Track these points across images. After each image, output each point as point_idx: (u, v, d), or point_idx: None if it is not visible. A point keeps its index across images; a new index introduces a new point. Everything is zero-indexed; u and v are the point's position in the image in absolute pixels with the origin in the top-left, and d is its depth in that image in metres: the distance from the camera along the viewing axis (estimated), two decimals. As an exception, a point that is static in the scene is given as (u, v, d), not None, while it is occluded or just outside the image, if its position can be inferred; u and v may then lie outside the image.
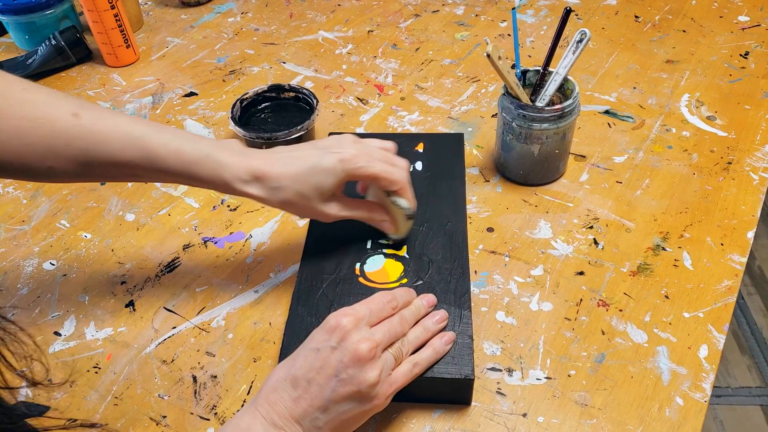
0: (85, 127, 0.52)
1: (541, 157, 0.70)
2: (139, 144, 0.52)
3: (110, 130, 0.52)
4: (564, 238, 0.67)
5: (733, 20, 1.00)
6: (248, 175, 0.54)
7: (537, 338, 0.58)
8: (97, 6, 0.91)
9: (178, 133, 0.55)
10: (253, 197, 0.55)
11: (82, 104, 0.53)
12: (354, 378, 0.45)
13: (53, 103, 0.52)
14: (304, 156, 0.55)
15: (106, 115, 0.54)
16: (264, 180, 0.54)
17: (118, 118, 0.54)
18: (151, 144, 0.52)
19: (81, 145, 0.51)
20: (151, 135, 0.53)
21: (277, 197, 0.55)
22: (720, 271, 0.63)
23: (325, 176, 0.55)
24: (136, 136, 0.52)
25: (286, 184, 0.54)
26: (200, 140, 0.55)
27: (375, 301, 0.51)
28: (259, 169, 0.54)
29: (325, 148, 0.55)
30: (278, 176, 0.54)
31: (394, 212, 0.59)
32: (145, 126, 0.54)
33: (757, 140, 0.78)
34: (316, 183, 0.55)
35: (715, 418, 1.39)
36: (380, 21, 1.06)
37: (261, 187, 0.54)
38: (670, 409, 0.53)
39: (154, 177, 0.55)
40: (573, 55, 0.67)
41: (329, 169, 0.54)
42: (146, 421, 0.54)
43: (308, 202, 0.55)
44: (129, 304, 0.64)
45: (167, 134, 0.54)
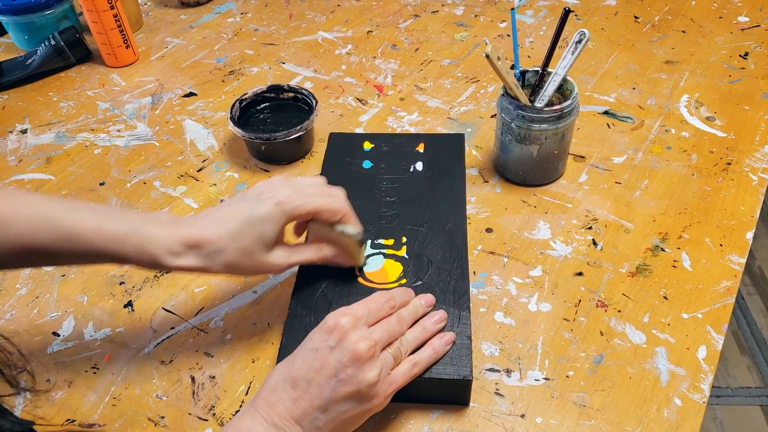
0: None
1: (540, 157, 0.70)
2: (53, 224, 0.48)
3: (21, 212, 0.48)
4: (563, 238, 0.67)
5: (732, 21, 1.00)
6: (180, 245, 0.50)
7: (535, 339, 0.58)
8: (96, 6, 0.91)
9: (99, 210, 0.52)
10: (190, 269, 0.51)
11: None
12: (353, 377, 0.45)
13: None
14: (236, 211, 0.52)
15: (14, 196, 0.50)
16: (199, 247, 0.50)
17: (29, 198, 0.50)
18: (68, 223, 0.48)
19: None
20: (66, 213, 0.49)
21: (219, 261, 0.51)
22: (719, 272, 0.63)
23: (265, 225, 0.51)
24: (50, 217, 0.48)
25: (225, 245, 0.50)
26: (124, 215, 0.51)
27: (373, 300, 0.51)
28: (192, 237, 0.50)
29: (257, 197, 0.53)
30: (215, 238, 0.50)
31: (343, 243, 0.56)
32: (61, 204, 0.50)
33: (756, 141, 0.78)
34: (257, 234, 0.51)
35: (715, 418, 1.39)
36: (380, 21, 1.06)
37: (197, 256, 0.50)
38: (669, 410, 0.53)
39: (72, 260, 0.51)
40: (572, 56, 0.67)
41: (268, 215, 0.51)
42: (144, 421, 0.54)
43: (253, 257, 0.52)
44: (127, 305, 0.64)
45: (86, 212, 0.50)
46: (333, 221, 0.54)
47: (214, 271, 0.52)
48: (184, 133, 0.85)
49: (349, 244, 0.56)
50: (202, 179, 0.78)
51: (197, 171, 0.79)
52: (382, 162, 0.72)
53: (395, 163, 0.71)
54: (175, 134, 0.85)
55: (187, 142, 0.83)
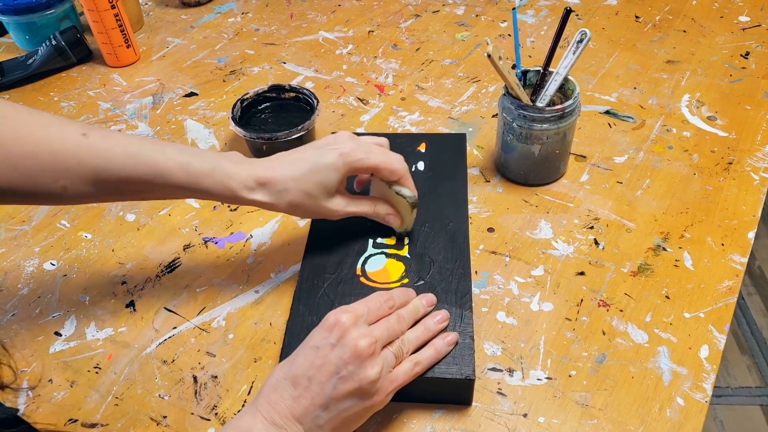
0: (94, 145, 0.52)
1: (542, 157, 0.70)
2: (147, 160, 0.53)
3: (119, 149, 0.53)
4: (564, 238, 0.67)
5: (733, 20, 1.00)
6: (253, 182, 0.55)
7: (537, 338, 0.58)
8: (97, 6, 0.91)
9: (183, 149, 0.56)
10: (260, 204, 0.56)
11: (87, 126, 0.54)
12: (354, 374, 0.45)
13: (61, 124, 0.53)
14: (304, 157, 0.57)
15: (112, 134, 0.55)
16: (269, 185, 0.55)
17: (124, 137, 0.55)
18: (159, 160, 0.54)
19: (93, 164, 0.52)
20: (157, 151, 0.54)
21: (284, 200, 0.56)
22: (720, 272, 0.63)
23: (328, 172, 0.56)
24: (144, 153, 0.53)
25: (291, 186, 0.55)
26: (204, 153, 0.56)
27: (372, 300, 0.51)
28: (263, 176, 0.55)
29: (324, 146, 0.57)
30: (282, 179, 0.55)
31: (397, 203, 0.60)
32: (151, 143, 0.55)
33: (757, 140, 0.78)
34: (320, 180, 0.56)
35: (715, 418, 1.39)
36: (380, 21, 1.06)
37: (267, 193, 0.56)
38: (671, 410, 0.53)
39: (163, 192, 0.56)
40: (573, 56, 0.67)
41: (331, 164, 0.56)
42: (147, 421, 0.54)
43: (314, 201, 0.56)
44: (129, 305, 0.64)
45: (173, 150, 0.55)
46: (391, 180, 0.58)
47: (280, 208, 0.57)
48: (185, 133, 0.85)
49: (403, 205, 0.60)
50: (203, 179, 0.77)
51: (199, 171, 0.79)
52: (384, 162, 0.72)
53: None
54: (176, 134, 0.85)
55: (189, 141, 0.83)
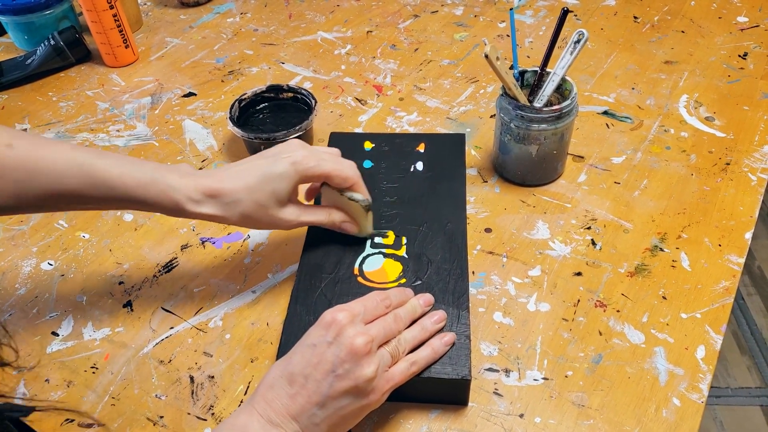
0: (19, 157, 0.50)
1: (539, 157, 0.70)
2: (81, 170, 0.51)
3: (49, 159, 0.51)
4: (562, 238, 0.67)
5: (731, 21, 1.00)
6: (200, 194, 0.54)
7: (534, 339, 0.58)
8: (96, 6, 0.91)
9: (124, 158, 0.54)
10: (209, 217, 0.55)
11: (18, 135, 0.52)
12: (350, 373, 0.45)
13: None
14: (254, 166, 0.56)
15: (43, 144, 0.52)
16: (218, 196, 0.54)
17: (58, 146, 0.53)
18: (95, 168, 0.51)
19: (14, 177, 0.50)
20: (94, 160, 0.52)
21: (235, 211, 0.55)
22: (718, 272, 0.63)
23: (280, 181, 0.55)
24: (79, 163, 0.51)
25: (241, 197, 0.54)
26: (146, 164, 0.54)
27: (369, 299, 0.51)
28: (212, 187, 0.54)
29: (274, 155, 0.56)
30: (233, 190, 0.54)
31: (351, 209, 0.60)
32: (88, 152, 0.53)
33: (755, 141, 0.78)
34: (272, 190, 0.55)
35: (715, 418, 1.39)
36: (379, 21, 1.06)
37: (216, 205, 0.54)
38: (667, 410, 0.53)
39: (97, 204, 0.54)
40: (571, 56, 0.67)
41: (283, 173, 0.55)
42: (143, 421, 0.54)
43: (266, 211, 0.55)
44: (127, 305, 0.64)
45: (111, 159, 0.53)
46: (343, 187, 0.58)
47: (230, 221, 0.55)
48: (183, 133, 0.85)
49: (356, 210, 0.60)
50: (201, 179, 0.78)
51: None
52: (383, 162, 0.72)
53: (396, 163, 0.71)
54: (174, 134, 0.85)
55: (187, 142, 0.83)
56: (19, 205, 0.52)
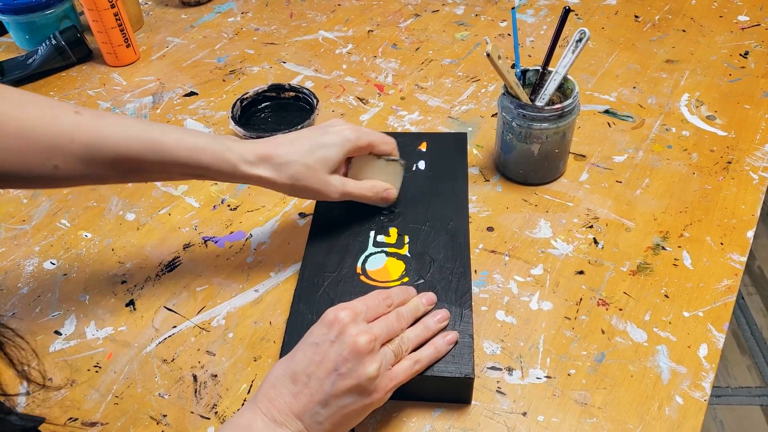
0: (87, 122, 0.52)
1: (541, 156, 0.70)
2: (142, 136, 0.54)
3: (113, 125, 0.53)
4: (564, 237, 0.67)
5: (732, 20, 1.00)
6: (254, 156, 0.56)
7: (537, 337, 0.59)
8: (97, 5, 0.91)
9: (178, 128, 0.57)
10: (261, 179, 0.57)
11: (81, 106, 0.54)
12: (353, 371, 0.45)
13: (54, 103, 0.53)
14: (305, 135, 0.59)
15: (106, 113, 0.55)
16: (270, 159, 0.56)
17: (117, 116, 0.56)
18: (154, 134, 0.54)
19: (85, 140, 0.52)
20: (153, 127, 0.54)
21: (286, 173, 0.57)
22: (720, 271, 0.63)
23: (330, 149, 0.58)
24: (139, 129, 0.54)
25: (293, 159, 0.57)
26: (201, 132, 0.57)
27: (371, 298, 0.51)
28: (265, 151, 0.57)
29: (324, 128, 0.60)
30: (285, 153, 0.57)
31: (388, 173, 0.63)
32: (145, 122, 0.56)
33: (756, 140, 0.78)
34: (322, 156, 0.58)
35: (715, 418, 1.39)
36: (380, 21, 1.06)
37: (268, 167, 0.57)
38: (670, 408, 0.53)
39: (159, 170, 0.56)
40: (572, 55, 0.67)
41: (333, 142, 0.58)
42: (147, 420, 0.54)
43: (315, 174, 0.58)
44: (129, 304, 0.64)
45: (169, 127, 0.56)
46: (387, 152, 0.62)
47: (280, 183, 0.57)
48: (185, 133, 0.85)
49: (394, 170, 0.64)
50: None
51: (198, 170, 0.79)
52: (384, 161, 0.72)
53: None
54: (176, 133, 0.85)
55: (188, 141, 0.83)
56: (88, 173, 0.54)
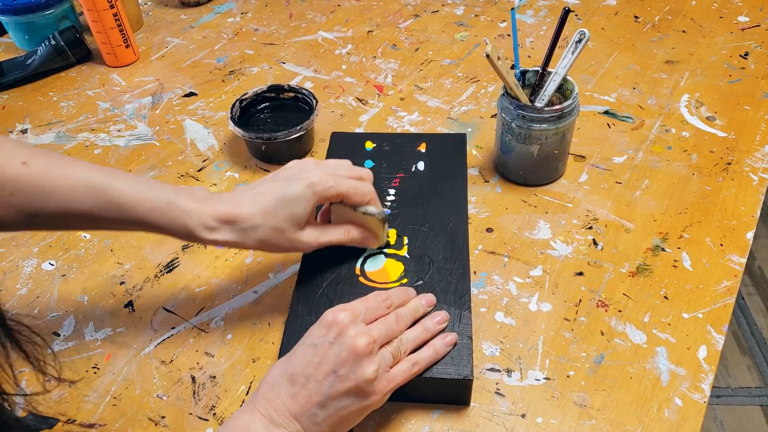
0: (34, 176, 0.49)
1: (541, 157, 0.70)
2: (95, 192, 0.50)
3: (63, 179, 0.50)
4: (563, 238, 0.67)
5: (732, 20, 1.00)
6: (215, 221, 0.52)
7: (536, 339, 0.58)
8: (96, 6, 0.91)
9: (139, 180, 0.53)
10: (223, 243, 0.53)
11: (35, 152, 0.51)
12: (351, 373, 0.45)
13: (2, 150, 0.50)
14: (269, 190, 0.54)
15: (59, 162, 0.51)
16: (234, 223, 0.52)
17: (73, 165, 0.52)
18: (109, 191, 0.50)
19: (29, 196, 0.49)
20: (109, 182, 0.51)
21: (252, 238, 0.53)
22: (719, 272, 0.63)
23: (297, 204, 0.53)
24: (93, 184, 0.50)
25: (258, 222, 0.53)
26: (162, 187, 0.53)
27: (370, 299, 0.51)
28: (227, 213, 0.52)
29: (289, 177, 0.54)
30: (249, 215, 0.52)
31: (366, 223, 0.58)
32: (103, 173, 0.52)
33: (756, 141, 0.78)
34: (289, 213, 0.53)
35: (715, 418, 1.39)
36: (380, 21, 1.06)
37: (232, 231, 0.52)
38: (669, 410, 0.53)
39: (111, 226, 0.53)
40: (572, 56, 0.67)
41: (299, 195, 0.53)
42: (145, 421, 0.54)
43: (284, 235, 0.54)
44: (128, 305, 0.64)
45: (126, 181, 0.52)
46: (361, 204, 0.57)
47: (248, 246, 0.54)
48: (184, 133, 0.85)
49: (372, 223, 0.58)
50: (202, 179, 0.78)
51: (197, 171, 0.79)
52: (384, 161, 0.72)
53: (397, 163, 0.71)
54: (175, 134, 0.85)
55: (188, 141, 0.83)
56: (33, 223, 0.51)
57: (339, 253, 0.61)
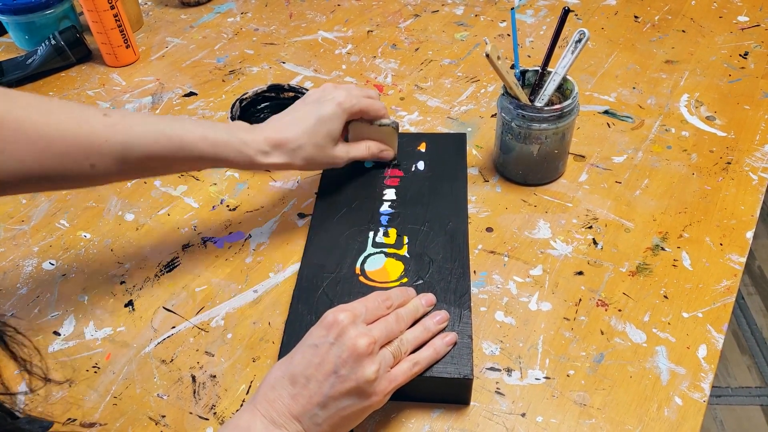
0: (118, 124, 0.55)
1: (541, 157, 0.70)
2: (168, 135, 0.56)
3: (141, 126, 0.56)
4: (563, 238, 0.67)
5: (732, 20, 1.00)
6: (268, 146, 0.59)
7: (536, 338, 0.58)
8: (96, 6, 0.91)
9: (198, 122, 0.60)
10: (277, 166, 0.61)
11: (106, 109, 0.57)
12: (352, 374, 0.45)
13: (82, 107, 0.56)
14: (306, 113, 0.62)
15: (130, 113, 0.58)
16: (283, 145, 0.60)
17: (141, 115, 0.59)
18: (181, 134, 0.57)
19: (119, 140, 0.55)
20: (177, 126, 0.57)
21: (299, 156, 0.61)
22: (719, 271, 0.63)
23: (331, 122, 0.61)
24: (165, 129, 0.56)
25: (303, 142, 0.60)
26: (217, 125, 0.60)
27: (370, 300, 0.51)
28: (276, 137, 0.60)
29: (318, 101, 0.62)
30: (295, 137, 0.60)
31: (382, 135, 0.67)
32: (169, 119, 0.59)
33: (756, 140, 0.78)
34: (327, 130, 0.61)
35: (715, 418, 1.39)
36: (380, 21, 1.06)
37: (282, 154, 0.60)
38: (669, 409, 0.53)
39: (184, 165, 0.60)
40: (572, 55, 0.67)
41: (332, 114, 0.61)
42: (145, 420, 0.54)
43: (324, 151, 0.62)
44: (128, 304, 0.64)
45: (189, 123, 0.58)
46: (376, 117, 0.66)
47: (295, 166, 0.62)
48: (184, 133, 0.85)
49: (387, 133, 0.68)
50: (202, 179, 0.78)
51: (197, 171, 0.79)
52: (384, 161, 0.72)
53: (397, 162, 0.71)
54: (175, 134, 0.85)
55: (188, 141, 0.83)
56: (123, 170, 0.56)
57: (339, 251, 0.62)
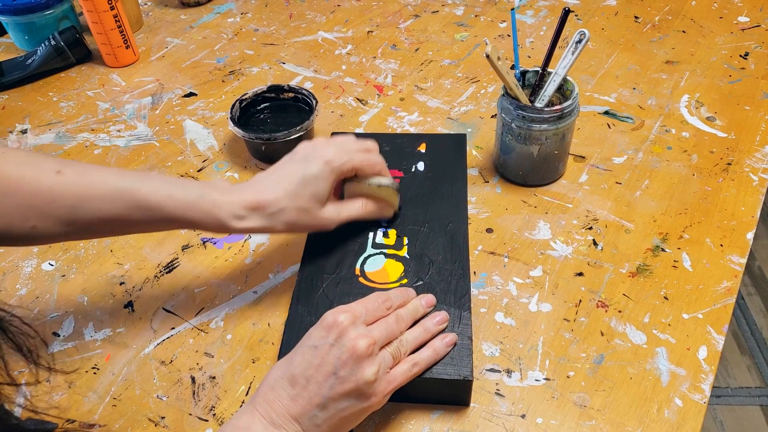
0: (69, 184, 0.51)
1: (541, 157, 0.70)
2: (127, 195, 0.52)
3: (96, 186, 0.51)
4: (563, 239, 0.67)
5: (732, 21, 1.00)
6: (243, 209, 0.54)
7: (536, 339, 0.58)
8: (96, 7, 0.91)
9: (166, 179, 0.55)
10: (254, 230, 0.55)
11: (64, 162, 0.52)
12: (352, 375, 0.45)
13: (34, 162, 0.51)
14: (290, 173, 0.56)
15: (90, 170, 0.53)
16: (262, 209, 0.54)
17: (103, 172, 0.53)
18: (141, 193, 0.52)
19: (66, 203, 0.50)
20: (139, 184, 0.52)
21: (280, 221, 0.55)
22: (719, 272, 0.63)
23: (317, 182, 0.55)
24: (124, 188, 0.52)
25: (284, 205, 0.55)
26: (187, 183, 0.55)
27: (370, 300, 0.51)
28: (254, 200, 0.54)
29: (305, 158, 0.57)
30: (275, 200, 0.54)
31: (379, 194, 0.61)
32: (132, 176, 0.53)
33: (756, 141, 0.78)
34: (312, 192, 0.55)
35: (715, 418, 1.39)
36: (380, 21, 1.06)
37: (261, 217, 0.54)
38: (669, 411, 0.53)
39: (143, 227, 0.55)
40: (572, 56, 0.67)
41: (318, 174, 0.55)
42: (145, 422, 0.54)
43: (309, 215, 0.56)
44: (128, 305, 0.64)
45: (155, 181, 0.53)
46: (374, 174, 0.59)
47: (277, 230, 0.56)
48: (184, 134, 0.85)
49: (386, 193, 0.61)
50: (202, 179, 0.78)
51: (197, 171, 0.79)
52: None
53: (397, 163, 0.71)
54: (175, 134, 0.85)
55: (188, 142, 0.83)
56: (71, 231, 0.52)
57: (339, 253, 0.61)
